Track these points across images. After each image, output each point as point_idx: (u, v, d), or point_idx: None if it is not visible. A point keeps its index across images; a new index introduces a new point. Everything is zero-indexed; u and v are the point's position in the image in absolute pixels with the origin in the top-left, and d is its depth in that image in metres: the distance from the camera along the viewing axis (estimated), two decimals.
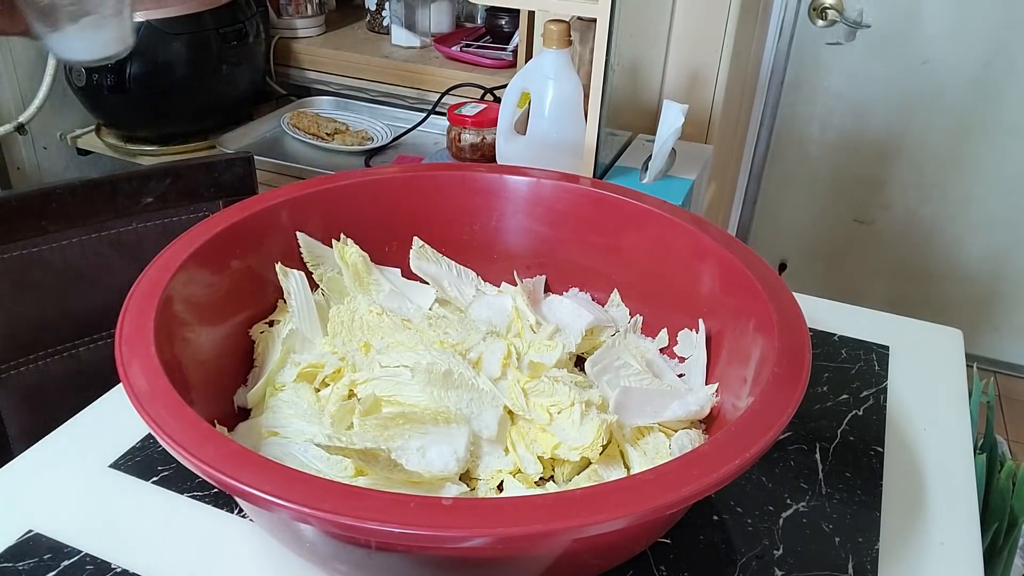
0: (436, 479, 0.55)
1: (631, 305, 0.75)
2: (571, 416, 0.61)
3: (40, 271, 0.83)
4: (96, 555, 0.56)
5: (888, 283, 2.02)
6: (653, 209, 0.72)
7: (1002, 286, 1.95)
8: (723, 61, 1.20)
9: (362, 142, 1.32)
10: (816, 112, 1.88)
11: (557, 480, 0.60)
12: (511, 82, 0.97)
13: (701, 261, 0.68)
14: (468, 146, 1.10)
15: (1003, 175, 1.83)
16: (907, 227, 1.94)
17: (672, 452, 0.60)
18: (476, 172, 0.79)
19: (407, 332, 0.69)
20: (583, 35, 1.03)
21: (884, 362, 0.78)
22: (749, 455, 0.45)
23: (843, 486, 0.63)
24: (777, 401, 0.49)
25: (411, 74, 1.46)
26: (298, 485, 0.43)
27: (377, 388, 0.63)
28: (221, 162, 0.99)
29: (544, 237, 0.77)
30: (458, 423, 0.59)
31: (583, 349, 0.72)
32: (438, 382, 0.63)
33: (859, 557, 0.57)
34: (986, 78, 1.74)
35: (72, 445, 0.66)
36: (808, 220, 2.01)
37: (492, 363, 0.66)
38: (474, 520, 0.41)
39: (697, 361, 0.67)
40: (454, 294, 0.76)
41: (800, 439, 0.68)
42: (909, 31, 1.74)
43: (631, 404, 0.63)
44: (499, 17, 1.54)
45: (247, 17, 1.36)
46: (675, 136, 0.93)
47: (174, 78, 1.25)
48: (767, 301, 0.59)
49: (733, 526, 0.59)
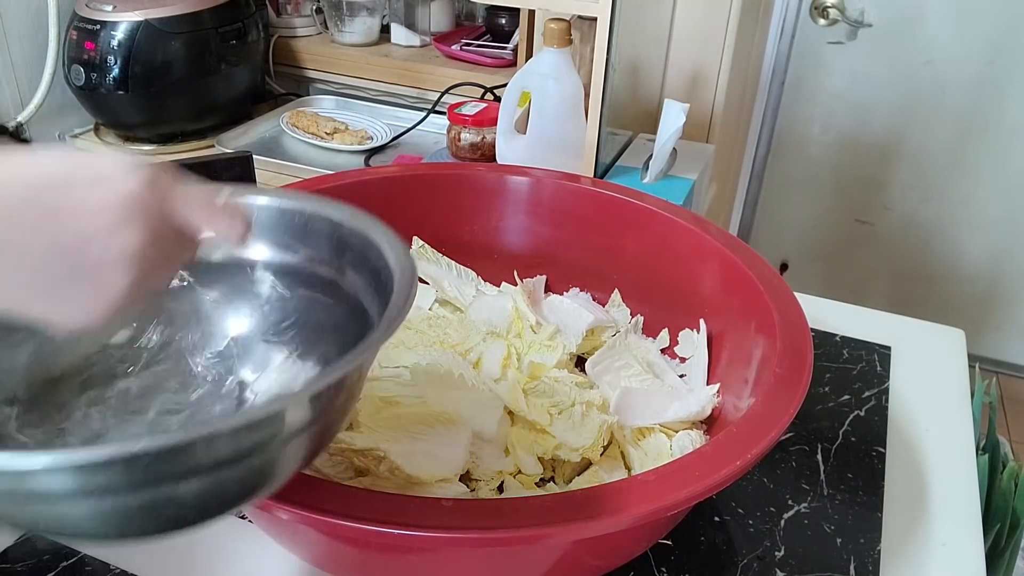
0: (436, 480, 0.55)
1: (632, 305, 0.75)
2: (571, 417, 0.61)
3: None
4: (94, 556, 0.55)
5: (889, 283, 2.01)
6: (654, 209, 0.72)
7: (1004, 286, 1.95)
8: (724, 60, 1.20)
9: (362, 141, 1.32)
10: (817, 112, 1.88)
11: (557, 481, 0.60)
12: (511, 81, 0.97)
13: (702, 261, 0.68)
14: (468, 145, 1.09)
15: (1005, 176, 1.82)
16: (909, 227, 1.94)
17: (673, 453, 0.59)
18: (476, 172, 0.79)
19: (407, 332, 0.69)
20: (584, 34, 1.03)
21: (886, 363, 0.78)
22: (750, 456, 0.45)
23: (845, 487, 0.63)
24: (778, 402, 0.49)
25: (411, 73, 1.46)
26: (298, 486, 0.43)
27: (377, 389, 0.63)
28: (220, 161, 0.98)
29: (544, 237, 0.77)
30: (458, 424, 0.58)
31: (583, 349, 0.71)
32: (438, 383, 0.63)
33: (861, 558, 0.57)
34: (988, 78, 1.74)
35: None
36: (809, 220, 2.01)
37: (492, 364, 0.66)
38: (474, 522, 0.41)
39: (698, 362, 0.67)
40: (454, 294, 0.76)
41: (802, 440, 0.68)
42: (911, 31, 1.74)
43: (632, 405, 0.63)
44: (499, 16, 1.54)
45: (246, 16, 1.36)
46: (676, 136, 0.93)
47: (173, 77, 1.25)
48: (768, 301, 0.59)
49: (734, 527, 0.59)
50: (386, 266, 0.43)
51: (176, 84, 1.27)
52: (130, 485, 0.32)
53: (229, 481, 0.35)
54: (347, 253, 0.45)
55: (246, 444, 0.34)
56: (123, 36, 1.20)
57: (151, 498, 0.33)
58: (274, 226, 0.47)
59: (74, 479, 0.32)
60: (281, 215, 0.47)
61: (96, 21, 1.20)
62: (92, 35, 1.20)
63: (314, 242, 0.46)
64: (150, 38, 1.21)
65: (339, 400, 0.39)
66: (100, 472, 0.31)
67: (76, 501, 0.33)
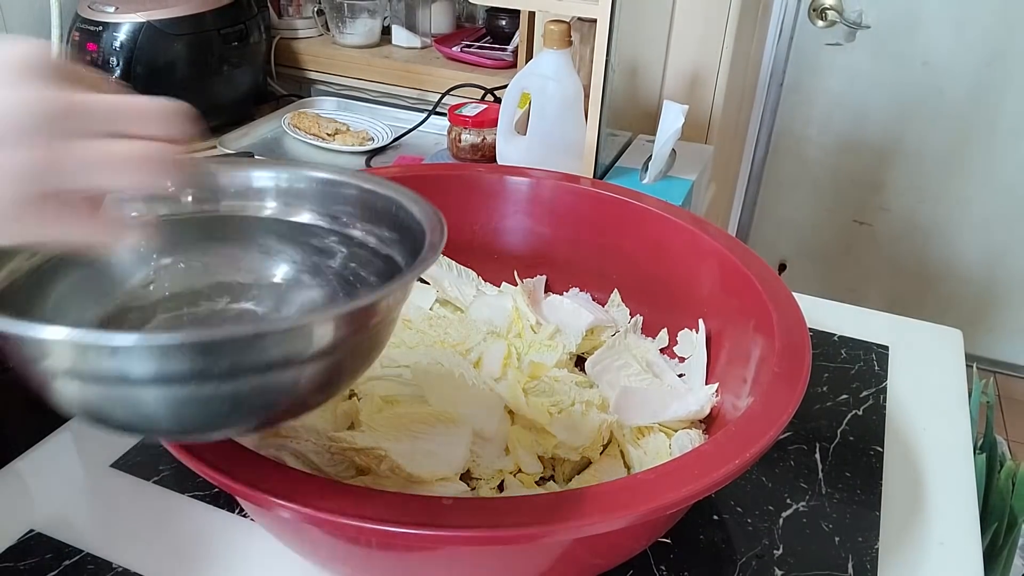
0: (436, 479, 0.55)
1: (631, 305, 0.75)
2: (571, 416, 0.61)
3: None
4: (97, 555, 0.56)
5: (887, 284, 2.02)
6: (653, 209, 0.72)
7: (1001, 286, 1.95)
8: (723, 61, 1.20)
9: (363, 142, 1.32)
10: (815, 113, 1.88)
11: (557, 480, 0.60)
12: (511, 82, 0.97)
13: (701, 261, 0.68)
14: (468, 146, 1.10)
15: (1001, 176, 1.83)
16: (906, 228, 1.94)
17: (672, 452, 0.60)
18: (476, 172, 0.79)
19: (408, 332, 0.69)
20: (583, 35, 1.03)
21: (884, 362, 0.78)
22: (749, 455, 0.45)
23: (843, 486, 0.63)
24: (777, 401, 0.49)
25: (411, 74, 1.46)
26: (299, 485, 0.43)
27: (378, 388, 0.63)
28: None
29: (544, 237, 0.77)
30: (459, 423, 0.59)
31: (583, 349, 0.72)
32: (439, 382, 0.63)
33: (859, 557, 0.57)
34: (985, 80, 1.74)
35: (73, 445, 0.66)
36: (808, 221, 2.01)
37: (492, 363, 0.66)
38: (474, 520, 0.41)
39: (697, 361, 0.67)
40: (454, 294, 0.76)
41: (800, 439, 0.68)
42: (909, 32, 1.74)
43: (631, 404, 0.63)
44: (499, 18, 1.54)
45: (248, 18, 1.36)
46: (675, 137, 0.93)
47: (175, 79, 1.25)
48: (767, 301, 0.59)
49: (733, 526, 0.59)
50: (417, 224, 0.48)
51: (178, 85, 1.27)
52: (207, 373, 0.36)
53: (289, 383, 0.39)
54: (381, 216, 0.51)
55: (313, 344, 0.38)
56: (125, 37, 1.20)
57: (224, 390, 0.37)
58: (316, 196, 0.52)
59: (157, 361, 0.35)
60: (324, 185, 0.52)
61: (98, 22, 1.21)
62: (94, 36, 1.21)
63: (355, 209, 0.52)
64: (152, 39, 1.21)
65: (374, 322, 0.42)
66: (181, 355, 0.35)
67: (151, 387, 0.36)
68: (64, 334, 0.33)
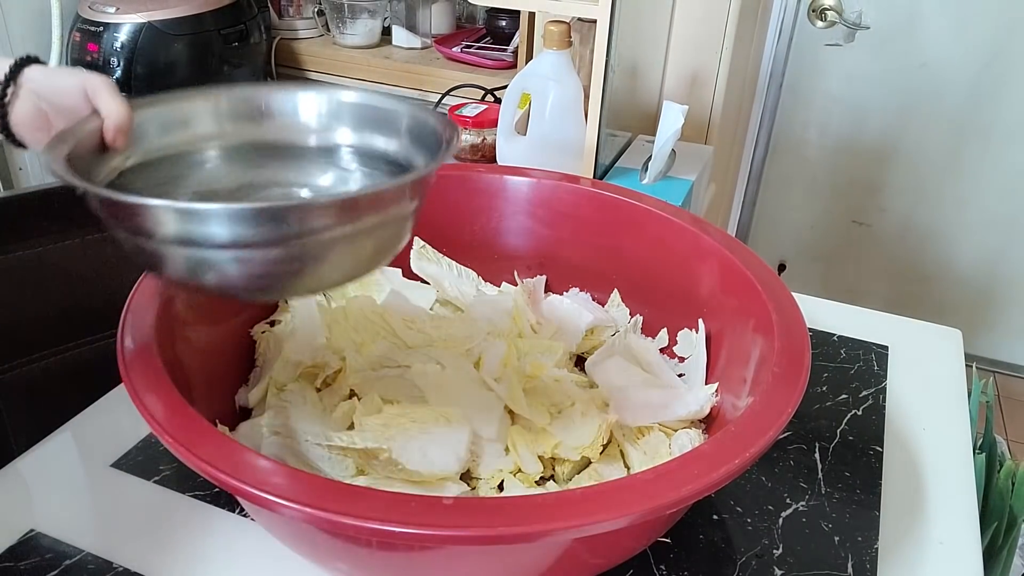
0: (437, 479, 0.55)
1: (631, 305, 0.75)
2: (571, 416, 0.61)
3: (42, 271, 0.83)
4: (97, 554, 0.56)
5: (886, 284, 2.02)
6: (653, 210, 0.72)
7: (1000, 286, 1.95)
8: (723, 62, 1.20)
9: None
10: (815, 114, 1.88)
11: (557, 479, 0.60)
12: (511, 83, 0.97)
13: (701, 262, 0.68)
14: (468, 147, 1.10)
15: (1000, 177, 1.83)
16: (905, 228, 1.94)
17: (672, 452, 0.60)
18: (476, 172, 0.79)
19: (408, 332, 0.70)
20: (583, 36, 1.03)
21: (883, 362, 0.79)
22: (749, 455, 0.45)
23: (842, 485, 0.64)
24: (776, 401, 0.49)
25: (412, 75, 1.47)
26: (299, 485, 0.43)
27: (378, 388, 0.63)
28: None
29: (544, 237, 0.77)
30: (459, 423, 0.59)
31: (583, 349, 0.72)
32: (438, 382, 0.63)
33: (858, 556, 0.57)
34: (984, 81, 1.74)
35: (74, 445, 0.66)
36: (807, 221, 2.01)
37: (492, 363, 0.66)
38: (475, 520, 0.41)
39: (697, 361, 0.67)
40: (455, 294, 0.76)
41: (799, 439, 0.68)
42: (908, 33, 1.74)
43: (631, 404, 0.63)
44: (499, 18, 1.54)
45: (249, 18, 1.36)
46: (675, 137, 0.94)
47: (175, 79, 1.26)
48: (766, 301, 0.59)
49: (733, 525, 0.60)
50: (434, 131, 0.54)
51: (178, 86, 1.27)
52: (276, 238, 0.43)
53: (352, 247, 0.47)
54: (405, 131, 0.58)
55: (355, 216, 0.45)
56: (126, 38, 1.20)
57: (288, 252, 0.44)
58: (353, 116, 0.60)
59: (241, 225, 0.43)
60: (357, 108, 0.60)
61: (99, 23, 1.21)
62: (95, 37, 1.21)
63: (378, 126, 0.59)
64: (153, 40, 1.22)
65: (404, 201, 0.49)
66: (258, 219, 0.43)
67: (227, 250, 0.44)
68: (179, 204, 0.44)
